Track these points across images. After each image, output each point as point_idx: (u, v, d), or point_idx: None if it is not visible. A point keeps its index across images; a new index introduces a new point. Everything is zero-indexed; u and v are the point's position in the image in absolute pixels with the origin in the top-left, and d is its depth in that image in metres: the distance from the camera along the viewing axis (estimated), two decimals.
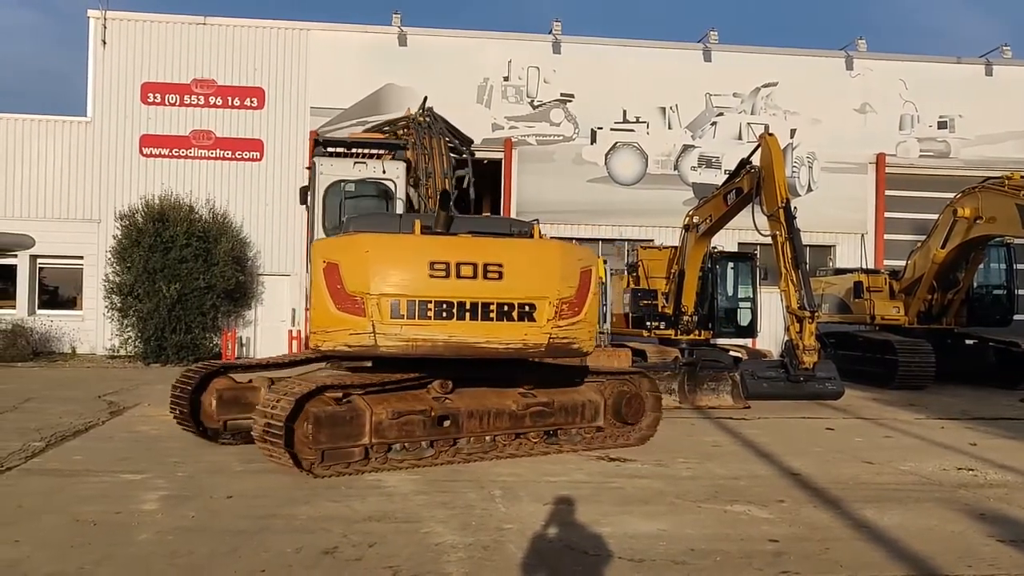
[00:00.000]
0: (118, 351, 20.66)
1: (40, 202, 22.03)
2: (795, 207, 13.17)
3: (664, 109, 24.33)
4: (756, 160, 13.67)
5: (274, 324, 21.90)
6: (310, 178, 10.93)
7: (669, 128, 24.34)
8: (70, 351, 21.49)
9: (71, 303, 22.80)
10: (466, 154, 12.65)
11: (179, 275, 19.53)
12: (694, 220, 15.28)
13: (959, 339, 18.55)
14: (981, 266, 17.96)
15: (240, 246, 21.48)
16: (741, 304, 16.60)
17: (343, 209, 10.36)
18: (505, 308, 7.87)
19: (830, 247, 24.94)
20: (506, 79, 23.78)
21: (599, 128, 24.00)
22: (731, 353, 15.64)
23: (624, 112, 24.13)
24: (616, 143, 24.09)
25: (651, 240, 22.08)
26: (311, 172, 10.89)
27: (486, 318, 7.81)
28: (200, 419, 9.14)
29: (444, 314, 7.71)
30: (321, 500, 6.78)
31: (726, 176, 15.20)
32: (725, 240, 18.65)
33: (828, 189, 24.59)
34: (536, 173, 23.70)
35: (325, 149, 11.26)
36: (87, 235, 21.87)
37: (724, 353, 15.57)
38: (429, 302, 7.69)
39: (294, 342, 20.37)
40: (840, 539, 6.01)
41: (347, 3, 76.34)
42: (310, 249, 9.01)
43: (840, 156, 24.77)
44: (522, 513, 6.51)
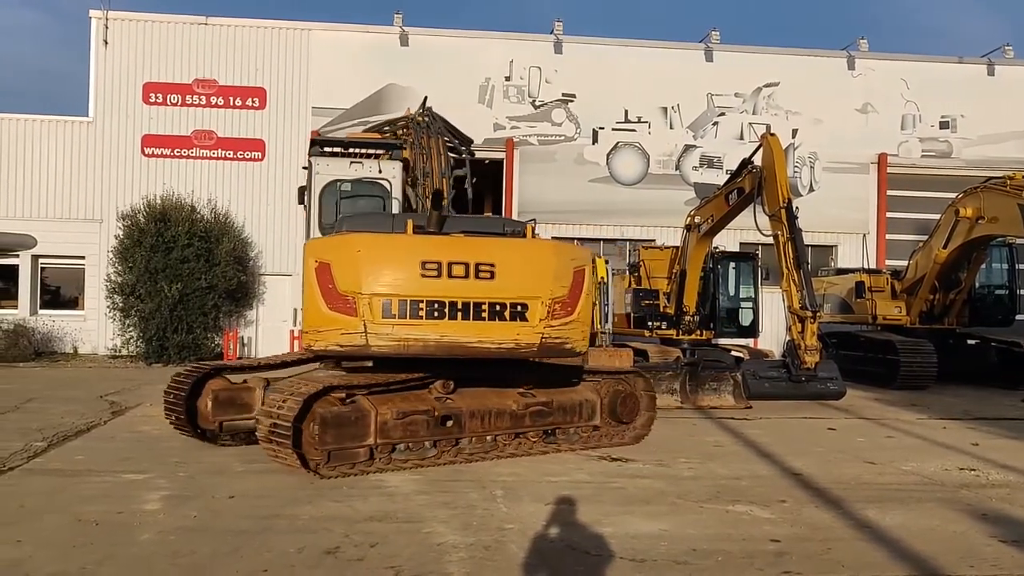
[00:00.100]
0: (120, 351, 20.67)
1: (42, 202, 22.06)
2: (797, 207, 13.18)
3: (666, 109, 24.32)
4: (758, 160, 13.67)
5: (276, 324, 21.92)
6: (307, 178, 10.94)
7: (671, 128, 24.34)
8: (72, 351, 21.50)
9: (73, 303, 22.82)
10: (465, 154, 12.64)
11: (181, 275, 19.55)
12: (696, 220, 15.27)
13: (961, 339, 18.53)
14: (983, 266, 17.92)
15: (242, 246, 21.50)
16: (743, 304, 16.59)
17: (339, 209, 10.36)
18: (497, 308, 7.83)
19: (832, 247, 24.93)
20: (508, 79, 23.78)
21: (601, 128, 24.00)
22: (733, 353, 15.63)
23: (626, 112, 24.13)
24: (618, 143, 24.09)
25: (653, 240, 22.07)
26: (307, 172, 10.90)
27: (478, 318, 7.78)
28: (196, 421, 9.07)
29: (436, 314, 7.68)
30: (323, 500, 6.78)
31: (728, 176, 15.20)
32: (727, 240, 18.64)
33: (830, 189, 24.58)
34: (538, 173, 23.70)
35: (322, 149, 11.26)
36: (89, 235, 21.90)
37: (726, 353, 15.56)
38: (421, 302, 7.66)
39: (295, 342, 20.37)
40: (842, 539, 6.00)
41: (349, 3, 76.37)
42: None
43: (842, 156, 24.76)
44: (523, 513, 6.51)
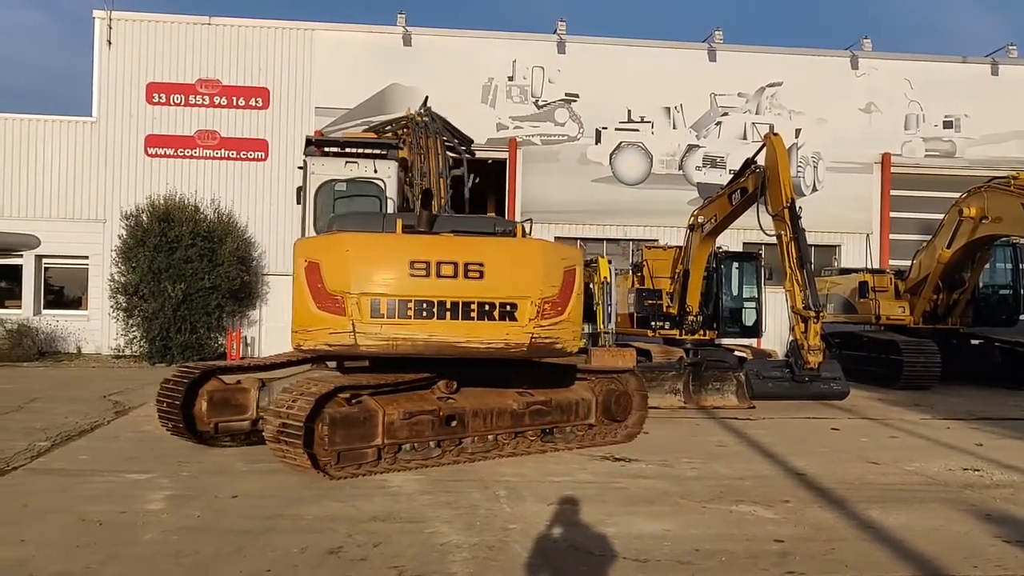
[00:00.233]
0: (123, 351, 20.69)
1: (45, 202, 22.10)
2: (800, 207, 13.16)
3: (669, 109, 24.31)
4: (761, 160, 13.66)
5: (279, 324, 21.85)
6: (302, 178, 10.92)
7: (674, 128, 24.33)
8: (75, 351, 21.54)
9: (76, 303, 22.86)
10: (464, 153, 12.60)
11: (184, 275, 19.57)
12: (699, 220, 15.26)
13: (965, 339, 18.51)
14: (987, 266, 17.88)
15: (245, 246, 21.51)
16: (746, 304, 16.56)
17: (335, 208, 10.34)
18: (486, 307, 7.81)
19: (835, 247, 24.89)
20: (511, 79, 23.78)
21: (604, 128, 24.00)
22: (736, 353, 15.61)
23: (629, 112, 24.12)
24: (621, 143, 24.09)
25: (656, 240, 22.03)
26: (303, 172, 10.88)
27: (467, 317, 7.76)
28: (194, 426, 8.87)
29: (424, 313, 7.66)
30: (326, 500, 6.78)
31: (731, 176, 15.18)
32: (730, 240, 18.58)
33: (833, 189, 24.55)
34: (541, 173, 23.70)
35: (317, 148, 11.26)
36: (92, 235, 21.94)
37: (729, 353, 15.54)
38: (409, 301, 7.65)
39: None
40: (846, 539, 6.00)
41: (352, 3, 76.40)
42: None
43: (845, 156, 24.73)
44: (527, 513, 6.51)
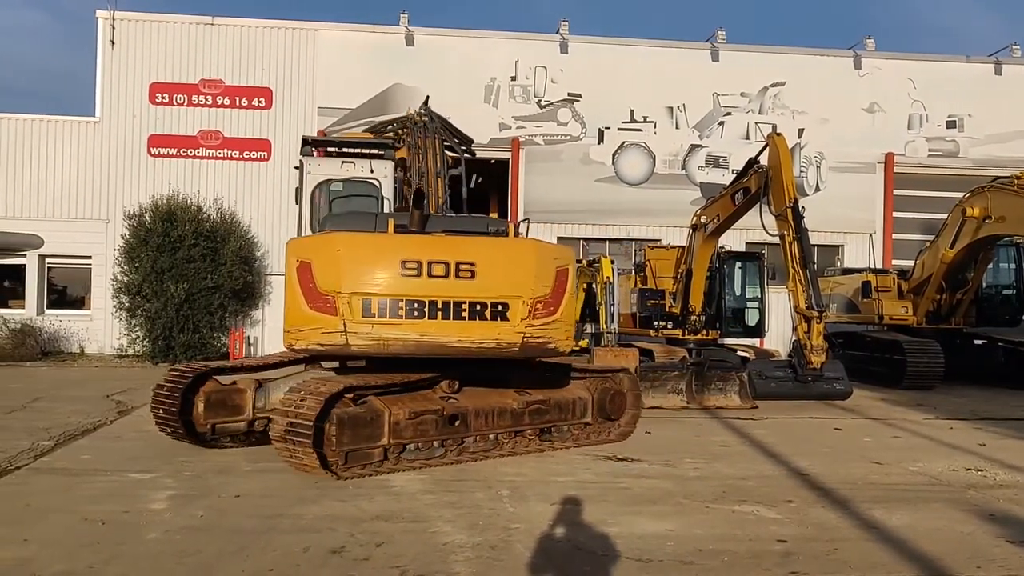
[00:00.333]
0: (126, 351, 20.73)
1: (49, 202, 22.15)
2: (803, 207, 13.14)
3: (671, 109, 24.31)
4: (764, 160, 13.64)
5: (281, 324, 21.87)
6: (299, 178, 10.95)
7: (676, 128, 24.32)
8: (78, 351, 21.59)
9: (79, 303, 22.91)
10: (464, 153, 12.59)
11: (187, 275, 19.59)
12: (702, 220, 15.24)
13: (968, 339, 18.46)
14: (990, 266, 17.84)
15: (248, 246, 21.53)
16: (749, 304, 16.55)
17: (331, 208, 10.33)
18: (477, 307, 7.79)
19: (838, 247, 24.88)
20: (513, 79, 23.79)
21: (606, 128, 24.00)
22: (739, 353, 15.60)
23: (631, 112, 24.13)
24: (623, 143, 24.08)
25: (658, 240, 22.06)
26: (299, 172, 10.91)
27: (458, 317, 7.75)
28: (193, 429, 8.79)
29: (416, 313, 7.65)
30: (329, 500, 6.78)
31: (734, 176, 15.16)
32: (733, 240, 18.57)
33: (836, 189, 24.53)
34: (543, 173, 23.70)
35: (313, 148, 11.28)
36: (95, 235, 21.99)
37: (732, 353, 15.53)
38: (400, 301, 7.63)
39: None
40: (849, 539, 5.98)
41: (354, 3, 76.44)
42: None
43: (848, 156, 24.72)
44: (530, 513, 6.51)
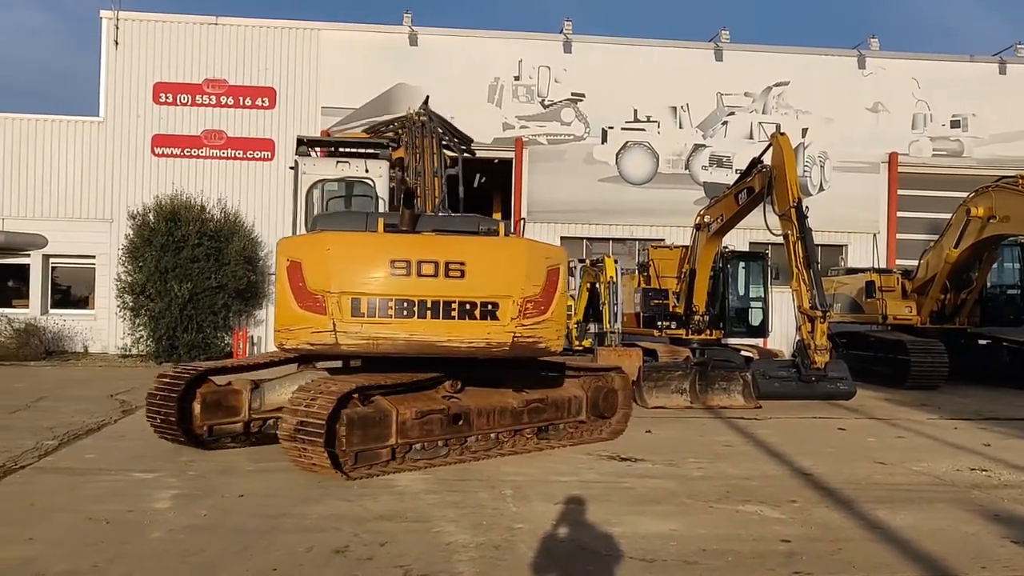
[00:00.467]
0: (130, 350, 20.76)
1: (53, 202, 22.19)
2: (807, 206, 13.12)
3: (675, 108, 24.28)
4: (767, 159, 13.62)
5: None
6: (294, 178, 10.97)
7: (680, 127, 24.29)
8: (82, 350, 21.63)
9: (83, 302, 22.96)
10: (460, 152, 12.58)
11: (191, 274, 19.62)
12: (705, 219, 15.22)
13: (972, 339, 18.43)
14: (994, 266, 17.83)
15: (251, 245, 21.55)
16: (752, 304, 16.51)
17: (326, 208, 10.34)
18: (467, 307, 7.78)
19: (842, 246, 24.84)
20: (517, 79, 23.79)
21: (610, 127, 23.99)
22: (742, 353, 15.57)
23: (635, 111, 24.10)
24: (627, 142, 24.07)
25: (662, 239, 22.03)
26: (295, 172, 10.93)
27: (448, 316, 7.74)
28: (192, 431, 8.73)
29: (405, 312, 7.64)
30: (332, 499, 6.78)
31: (737, 175, 15.14)
32: (736, 239, 18.57)
33: (840, 188, 24.49)
34: (547, 173, 23.70)
35: (308, 148, 11.29)
36: (99, 234, 22.02)
37: (735, 353, 15.51)
38: (390, 300, 7.63)
39: None
40: (852, 539, 5.98)
41: (358, 3, 76.46)
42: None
43: (852, 155, 24.67)
44: (533, 513, 6.50)
